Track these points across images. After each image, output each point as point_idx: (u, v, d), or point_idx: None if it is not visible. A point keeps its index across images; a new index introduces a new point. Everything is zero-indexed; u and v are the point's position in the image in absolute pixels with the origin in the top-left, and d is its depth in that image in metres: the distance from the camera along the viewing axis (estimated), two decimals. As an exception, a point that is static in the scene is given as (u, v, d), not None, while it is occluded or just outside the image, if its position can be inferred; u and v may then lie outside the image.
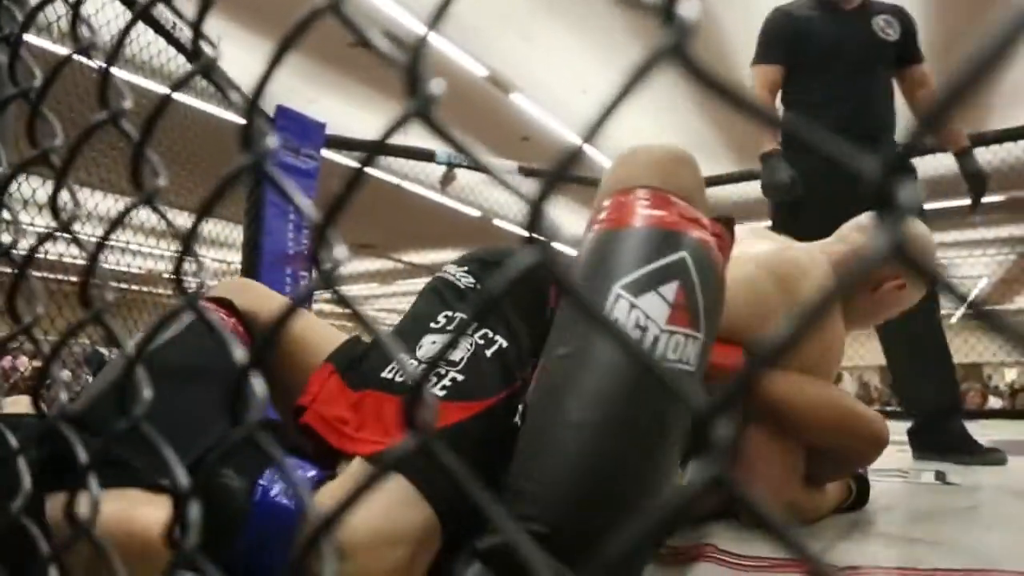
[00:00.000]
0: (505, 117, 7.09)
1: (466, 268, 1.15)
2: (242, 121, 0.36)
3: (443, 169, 5.13)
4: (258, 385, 0.33)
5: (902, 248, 0.18)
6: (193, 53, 0.37)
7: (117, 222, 0.43)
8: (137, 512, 0.76)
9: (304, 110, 4.42)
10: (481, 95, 6.74)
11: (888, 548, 1.20)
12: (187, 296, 0.35)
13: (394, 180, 6.14)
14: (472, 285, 1.12)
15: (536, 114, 7.43)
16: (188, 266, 0.37)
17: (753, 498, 0.20)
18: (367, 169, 0.32)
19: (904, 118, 3.02)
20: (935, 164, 5.20)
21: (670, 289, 0.86)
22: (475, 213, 8.58)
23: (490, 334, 1.03)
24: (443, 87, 0.28)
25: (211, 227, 4.28)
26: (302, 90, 6.21)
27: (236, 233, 4.34)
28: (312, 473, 0.89)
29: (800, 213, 2.63)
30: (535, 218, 0.24)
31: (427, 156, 4.80)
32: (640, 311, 0.84)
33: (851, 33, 2.78)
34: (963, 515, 1.51)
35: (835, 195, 2.63)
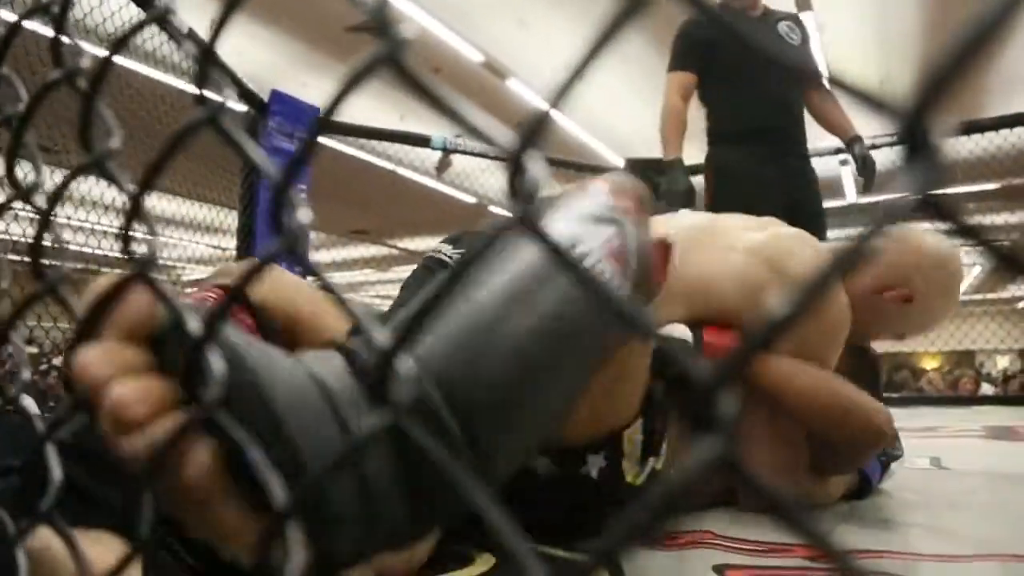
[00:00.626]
0: (500, 103, 7.03)
1: (462, 248, 1.13)
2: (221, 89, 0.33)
3: (438, 155, 5.08)
4: (215, 361, 0.30)
5: (932, 198, 0.16)
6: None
7: (63, 186, 0.40)
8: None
9: (298, 94, 4.38)
10: (477, 81, 6.69)
11: (886, 533, 1.19)
12: (137, 262, 0.32)
13: (389, 166, 6.10)
14: None
15: (530, 99, 7.37)
16: (140, 233, 0.34)
17: (761, 479, 0.17)
18: (361, 152, 0.29)
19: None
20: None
21: (609, 232, 0.75)
22: (470, 200, 8.54)
23: None
24: (414, 31, 0.25)
25: (205, 212, 4.25)
26: (296, 75, 6.15)
27: (231, 219, 4.31)
28: None
29: (726, 205, 2.77)
30: (515, 172, 0.21)
31: (423, 142, 4.76)
32: (580, 232, 0.74)
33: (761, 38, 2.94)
34: (959, 500, 1.50)
35: (758, 188, 2.79)
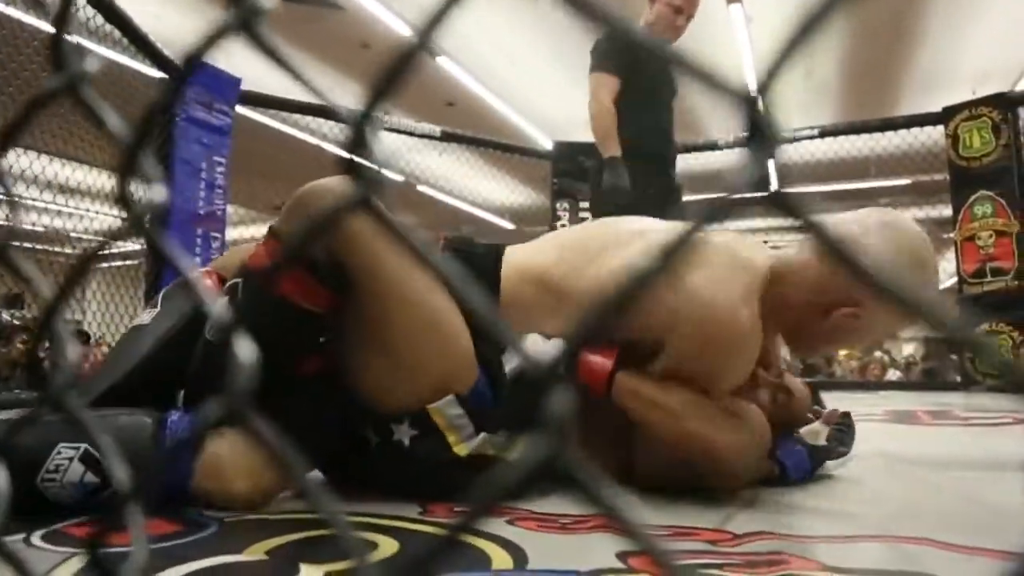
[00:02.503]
0: (430, 81, 6.95)
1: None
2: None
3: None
4: (68, 337, 0.28)
5: (766, 181, 0.15)
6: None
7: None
8: None
9: (223, 63, 4.23)
10: (406, 57, 6.58)
11: (783, 516, 1.23)
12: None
13: (314, 140, 5.96)
14: None
15: (462, 79, 7.31)
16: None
17: (585, 478, 0.17)
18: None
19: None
20: (848, 147, 5.38)
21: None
22: (398, 178, 8.43)
23: None
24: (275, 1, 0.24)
25: (113, 181, 4.07)
26: (222, 41, 5.92)
27: (141, 190, 4.13)
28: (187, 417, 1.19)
29: (611, 213, 2.96)
30: (357, 144, 0.20)
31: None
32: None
33: (666, 70, 3.28)
34: (858, 483, 1.56)
35: (642, 201, 2.97)
